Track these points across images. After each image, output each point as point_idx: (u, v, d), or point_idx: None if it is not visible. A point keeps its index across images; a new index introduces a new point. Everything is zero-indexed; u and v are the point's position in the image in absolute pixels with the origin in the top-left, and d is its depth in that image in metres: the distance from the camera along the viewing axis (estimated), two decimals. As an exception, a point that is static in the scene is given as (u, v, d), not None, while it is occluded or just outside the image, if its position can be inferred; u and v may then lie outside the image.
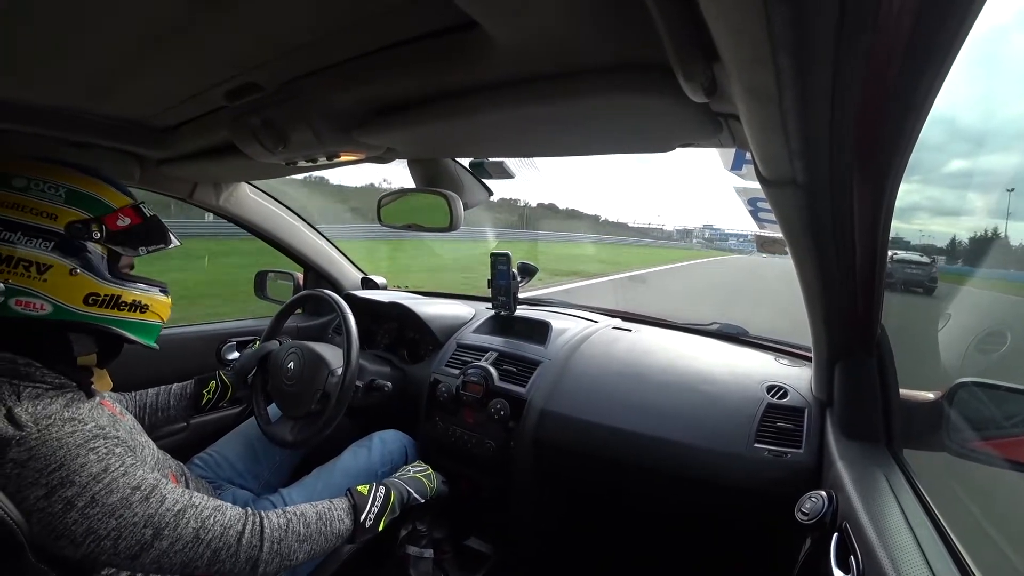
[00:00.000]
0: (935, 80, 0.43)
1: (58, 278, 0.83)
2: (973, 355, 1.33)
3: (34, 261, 0.81)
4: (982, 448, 0.92)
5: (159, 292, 0.98)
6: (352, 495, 1.06)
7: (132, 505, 0.78)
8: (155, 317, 0.98)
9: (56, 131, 1.03)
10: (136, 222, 0.93)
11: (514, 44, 0.62)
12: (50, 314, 0.83)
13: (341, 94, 0.84)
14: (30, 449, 0.74)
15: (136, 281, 0.94)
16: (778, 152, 0.58)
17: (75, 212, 0.86)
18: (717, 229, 55.97)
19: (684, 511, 1.38)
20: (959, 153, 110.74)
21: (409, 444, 1.52)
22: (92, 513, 0.75)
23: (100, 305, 0.88)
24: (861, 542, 0.70)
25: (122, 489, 0.78)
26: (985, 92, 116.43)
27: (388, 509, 1.08)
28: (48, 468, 0.74)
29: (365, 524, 1.02)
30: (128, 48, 0.73)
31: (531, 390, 1.45)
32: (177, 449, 1.19)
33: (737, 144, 0.80)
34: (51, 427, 0.77)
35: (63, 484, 0.74)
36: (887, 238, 0.72)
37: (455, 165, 1.37)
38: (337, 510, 1.00)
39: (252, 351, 1.46)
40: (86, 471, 0.76)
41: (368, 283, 2.18)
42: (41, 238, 0.82)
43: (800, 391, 1.25)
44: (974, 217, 23.37)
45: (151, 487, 0.81)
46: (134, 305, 0.93)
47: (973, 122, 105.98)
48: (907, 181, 0.57)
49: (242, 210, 1.76)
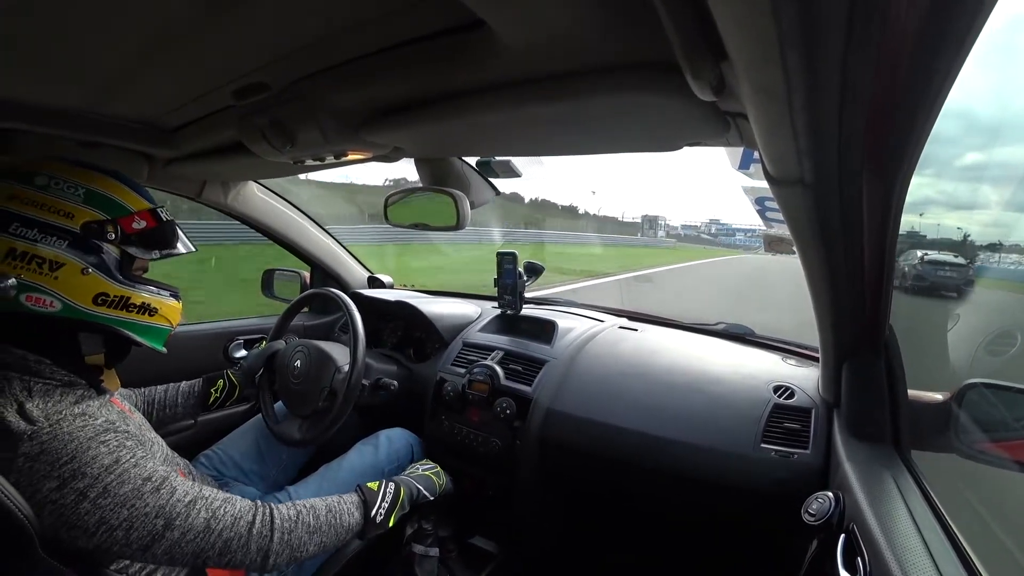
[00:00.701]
0: (947, 77, 0.42)
1: (70, 276, 0.84)
2: (982, 356, 1.32)
3: (47, 258, 0.82)
4: (991, 450, 0.91)
5: (169, 296, 0.99)
6: (362, 490, 1.06)
7: (144, 495, 0.79)
8: (164, 321, 0.98)
9: (66, 131, 1.04)
10: (152, 226, 0.94)
11: (521, 43, 0.62)
12: (59, 312, 0.84)
13: (348, 93, 0.84)
14: (42, 443, 0.75)
15: (147, 284, 0.95)
16: (786, 151, 0.57)
17: (92, 212, 0.86)
18: (724, 224, 54.16)
19: (689, 511, 1.37)
20: (974, 146, 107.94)
21: (415, 442, 1.52)
22: (104, 503, 0.76)
23: (109, 306, 0.89)
24: (868, 544, 0.70)
25: (133, 480, 0.79)
26: (1001, 81, 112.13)
27: (398, 505, 1.09)
28: (60, 461, 0.75)
29: (376, 519, 1.03)
30: (137, 49, 0.73)
31: (537, 389, 1.45)
32: (184, 446, 1.20)
33: (745, 143, 0.80)
34: (62, 422, 0.78)
35: (75, 476, 0.75)
36: (896, 238, 0.71)
37: (462, 164, 1.37)
38: (347, 504, 1.01)
39: (259, 350, 1.46)
40: (98, 463, 0.77)
41: (375, 282, 2.18)
42: (56, 236, 0.83)
43: (807, 391, 1.25)
44: (989, 211, 21.81)
45: (162, 478, 0.82)
46: (143, 308, 0.94)
47: (990, 113, 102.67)
48: (919, 175, 0.57)
49: (250, 209, 1.77)
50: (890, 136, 0.52)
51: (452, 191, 1.26)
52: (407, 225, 1.40)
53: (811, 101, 0.47)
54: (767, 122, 0.54)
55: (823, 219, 0.70)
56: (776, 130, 0.54)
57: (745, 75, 0.47)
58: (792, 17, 0.37)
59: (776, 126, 0.53)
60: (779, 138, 0.55)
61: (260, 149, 1.03)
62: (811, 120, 0.50)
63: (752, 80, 0.47)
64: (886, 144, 0.54)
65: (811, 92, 0.46)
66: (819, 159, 0.57)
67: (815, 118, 0.50)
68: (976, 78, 34.96)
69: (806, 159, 0.57)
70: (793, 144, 0.55)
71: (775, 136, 0.56)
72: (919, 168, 0.57)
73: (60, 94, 0.94)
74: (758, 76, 0.46)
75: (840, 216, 0.69)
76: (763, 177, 0.69)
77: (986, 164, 31.34)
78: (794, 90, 0.45)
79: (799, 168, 0.60)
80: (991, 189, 24.42)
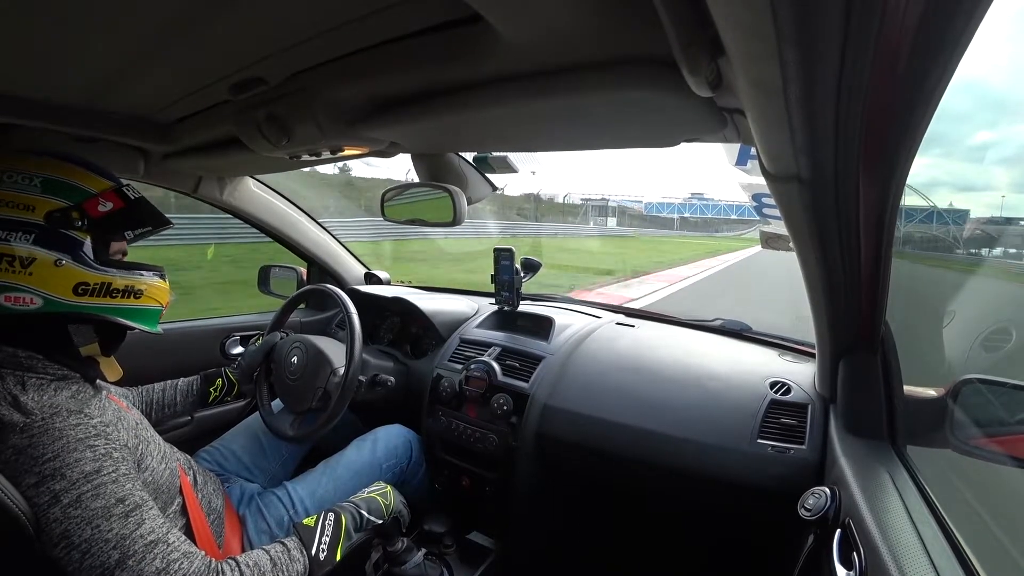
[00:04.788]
0: (944, 73, 0.42)
1: (44, 271, 0.82)
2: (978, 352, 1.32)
3: (17, 255, 0.80)
4: (987, 445, 0.91)
5: (154, 276, 0.96)
6: (298, 531, 0.98)
7: (111, 518, 0.76)
8: (152, 302, 0.95)
9: (61, 126, 1.04)
10: (119, 206, 0.90)
11: (518, 38, 0.62)
12: (41, 308, 0.82)
13: (345, 88, 0.84)
14: (31, 436, 0.75)
15: (128, 267, 0.92)
16: (783, 147, 0.57)
17: (53, 201, 0.83)
18: (708, 199, 48.16)
19: (686, 506, 1.38)
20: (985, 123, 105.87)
21: (413, 439, 1.53)
22: (73, 514, 0.74)
23: (91, 294, 0.86)
24: (864, 538, 0.70)
25: (107, 496, 0.76)
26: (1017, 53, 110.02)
27: (343, 535, 1.00)
28: (44, 457, 0.74)
29: (319, 557, 0.95)
30: (133, 43, 0.73)
31: (534, 385, 1.45)
32: (182, 443, 1.19)
33: (742, 139, 0.80)
34: (55, 416, 0.78)
35: (54, 475, 0.74)
36: (892, 234, 0.71)
37: (459, 160, 1.36)
38: (292, 551, 0.93)
39: (257, 346, 1.46)
40: (79, 468, 0.76)
41: (371, 278, 2.18)
42: (21, 231, 0.80)
43: (803, 387, 1.25)
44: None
45: (135, 505, 0.79)
46: (127, 291, 0.91)
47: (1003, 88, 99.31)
48: (925, 155, 0.55)
49: (246, 204, 1.76)
50: (887, 131, 0.52)
51: (449, 187, 1.26)
52: (403, 221, 1.40)
53: (808, 97, 0.47)
54: (764, 118, 0.54)
55: (820, 215, 0.70)
56: (773, 126, 0.54)
57: (742, 71, 0.47)
58: (789, 13, 0.37)
59: (773, 122, 0.53)
60: (776, 134, 0.55)
61: (256, 144, 1.03)
62: (808, 116, 0.50)
63: (749, 76, 0.47)
64: (883, 139, 0.53)
65: (808, 88, 0.46)
66: (816, 155, 0.57)
67: (812, 114, 0.50)
68: (990, 51, 32.70)
69: (803, 155, 0.57)
70: (790, 140, 0.55)
71: (772, 132, 0.56)
72: (925, 150, 0.56)
73: (56, 89, 0.93)
74: (755, 72, 0.46)
75: (836, 212, 0.69)
76: (760, 173, 0.69)
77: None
78: (791, 86, 0.45)
79: (796, 164, 0.60)
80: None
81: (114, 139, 1.17)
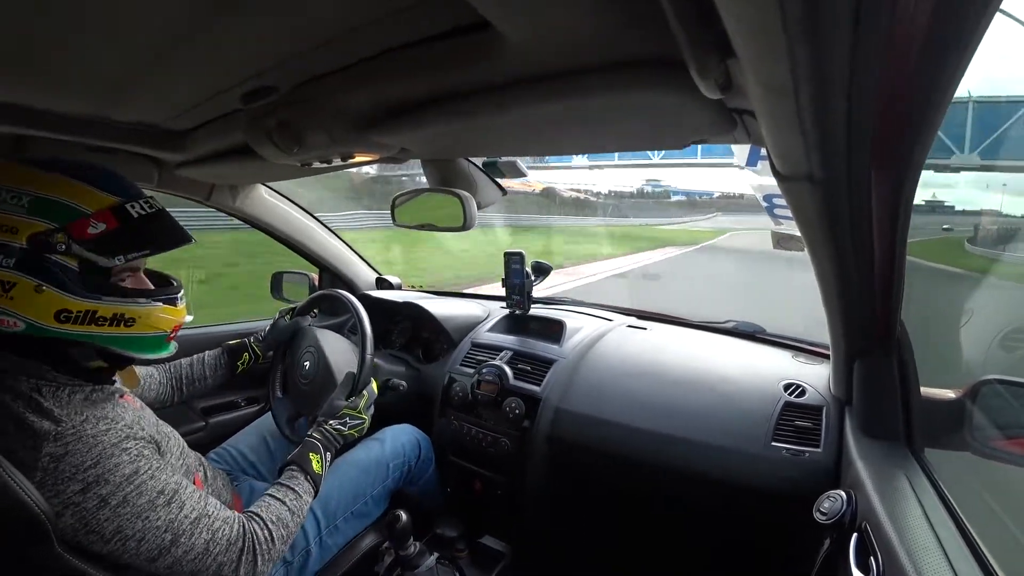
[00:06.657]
0: (956, 70, 0.42)
1: (24, 295, 0.78)
2: (996, 352, 1.30)
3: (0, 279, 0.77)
4: (1007, 447, 0.90)
5: (150, 303, 0.88)
6: (308, 476, 1.08)
7: (157, 508, 0.82)
8: (148, 329, 0.88)
9: (77, 136, 1.05)
10: (112, 226, 0.83)
11: (527, 43, 0.62)
12: (24, 331, 0.79)
13: (355, 95, 0.84)
14: (67, 444, 0.77)
15: (124, 293, 0.86)
16: (794, 148, 0.57)
17: (37, 223, 0.78)
18: (663, 185, 41.51)
19: (700, 510, 1.37)
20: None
21: (422, 438, 1.53)
22: (123, 512, 0.79)
23: (74, 322, 0.81)
24: (881, 543, 0.69)
25: (149, 492, 0.82)
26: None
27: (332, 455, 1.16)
28: (84, 464, 0.77)
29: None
30: (145, 53, 0.74)
31: (546, 389, 1.45)
32: (195, 447, 1.20)
33: (752, 140, 0.80)
34: (86, 423, 0.79)
35: (98, 481, 0.77)
36: (906, 233, 0.71)
37: (469, 164, 1.37)
38: (303, 495, 1.03)
39: (286, 324, 1.48)
40: (120, 471, 0.79)
41: (383, 283, 2.19)
42: (3, 255, 0.76)
43: (818, 389, 1.24)
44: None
45: (173, 492, 0.85)
46: (116, 319, 0.84)
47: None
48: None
49: (258, 211, 1.78)
50: (899, 129, 0.52)
51: (459, 192, 1.26)
52: (414, 226, 1.40)
53: (819, 97, 0.47)
54: (774, 119, 0.53)
55: (832, 215, 0.70)
56: (784, 127, 0.53)
57: (752, 72, 0.47)
58: (799, 12, 0.36)
59: (784, 123, 0.52)
60: (787, 134, 0.55)
61: (267, 152, 1.04)
62: (819, 116, 0.50)
63: (759, 77, 0.47)
64: (895, 138, 0.53)
65: (819, 88, 0.45)
66: (827, 154, 0.57)
67: (823, 114, 0.49)
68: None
69: (814, 155, 0.57)
70: (801, 140, 0.54)
71: (783, 132, 0.55)
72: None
73: (70, 100, 0.94)
74: (765, 73, 0.46)
75: (849, 212, 0.68)
76: (771, 174, 0.69)
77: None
78: (802, 86, 0.45)
79: (807, 164, 0.59)
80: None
81: (127, 149, 1.18)
